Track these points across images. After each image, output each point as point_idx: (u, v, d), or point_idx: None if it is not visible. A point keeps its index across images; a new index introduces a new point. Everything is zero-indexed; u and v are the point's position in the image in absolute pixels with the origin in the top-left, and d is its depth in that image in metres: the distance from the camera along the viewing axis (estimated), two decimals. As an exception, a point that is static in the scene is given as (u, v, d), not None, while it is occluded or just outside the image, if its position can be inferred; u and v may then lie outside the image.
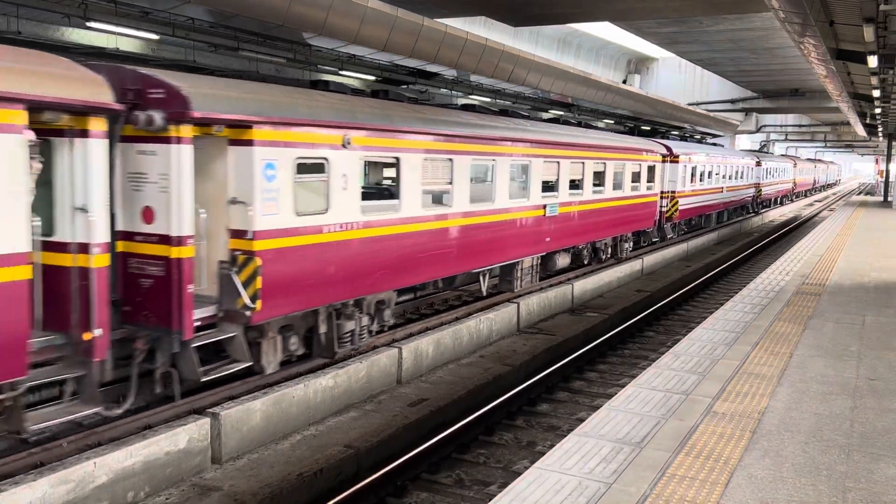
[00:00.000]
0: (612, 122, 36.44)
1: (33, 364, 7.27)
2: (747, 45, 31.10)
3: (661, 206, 25.20)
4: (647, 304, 18.01)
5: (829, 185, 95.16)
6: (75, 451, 7.72)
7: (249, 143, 8.94)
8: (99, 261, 7.55)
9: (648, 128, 33.89)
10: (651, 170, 23.25)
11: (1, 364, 6.69)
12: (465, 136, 13.17)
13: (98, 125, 7.52)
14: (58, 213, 7.56)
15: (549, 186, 16.74)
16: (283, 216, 9.41)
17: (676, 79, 46.03)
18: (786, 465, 5.66)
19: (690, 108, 39.74)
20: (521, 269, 16.48)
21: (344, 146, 10.24)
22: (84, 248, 7.48)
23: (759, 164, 41.13)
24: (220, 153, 9.02)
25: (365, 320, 11.41)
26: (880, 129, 43.02)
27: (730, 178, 34.42)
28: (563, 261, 18.42)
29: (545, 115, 25.73)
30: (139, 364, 8.63)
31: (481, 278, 15.35)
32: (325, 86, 11.22)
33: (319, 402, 9.60)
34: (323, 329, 10.67)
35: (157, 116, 8.07)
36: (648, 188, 23.23)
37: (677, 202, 26.35)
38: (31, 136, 6.81)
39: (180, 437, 7.78)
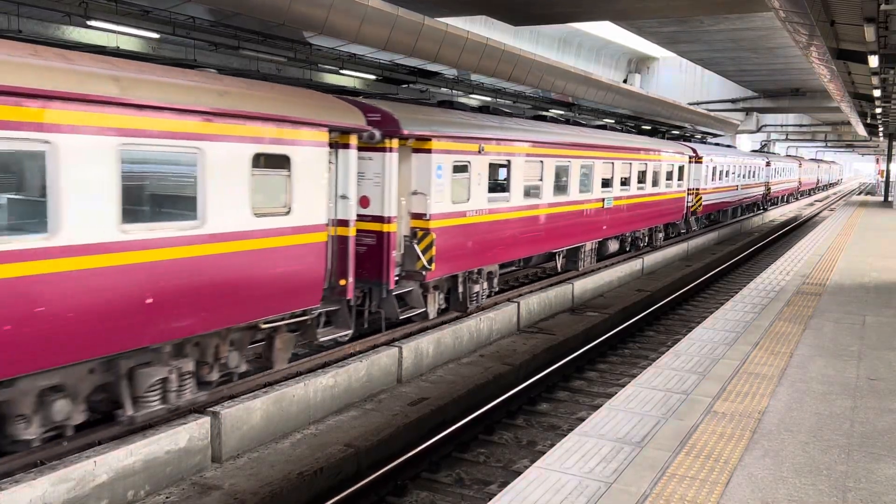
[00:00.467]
0: (613, 121, 36.43)
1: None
2: (748, 44, 31.09)
3: (687, 202, 28.13)
4: (647, 304, 18.02)
5: (832, 185, 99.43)
6: (75, 449, 7.72)
7: (428, 151, 12.29)
8: (352, 232, 10.55)
9: (649, 127, 33.87)
10: (681, 169, 26.56)
11: (308, 297, 9.70)
12: (550, 143, 16.47)
13: (353, 140, 10.56)
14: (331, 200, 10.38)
15: (605, 183, 19.83)
16: (445, 204, 12.74)
17: (677, 78, 46.03)
18: (786, 465, 5.66)
19: (691, 107, 39.73)
20: (585, 252, 19.90)
21: (479, 152, 13.61)
22: (344, 224, 10.47)
23: (768, 164, 44.57)
24: (406, 158, 12.21)
25: (485, 285, 14.62)
26: (881, 129, 43.00)
27: (744, 177, 37.49)
28: (613, 246, 21.60)
29: (596, 122, 29.20)
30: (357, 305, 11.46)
31: (557, 258, 18.93)
32: (450, 105, 14.87)
33: (320, 401, 9.60)
34: (460, 289, 13.99)
35: (377, 133, 11.35)
36: (678, 185, 26.36)
37: (701, 198, 29.55)
38: (327, 148, 9.96)
39: (181, 436, 7.78)
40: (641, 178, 22.41)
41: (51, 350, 6.75)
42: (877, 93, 22.63)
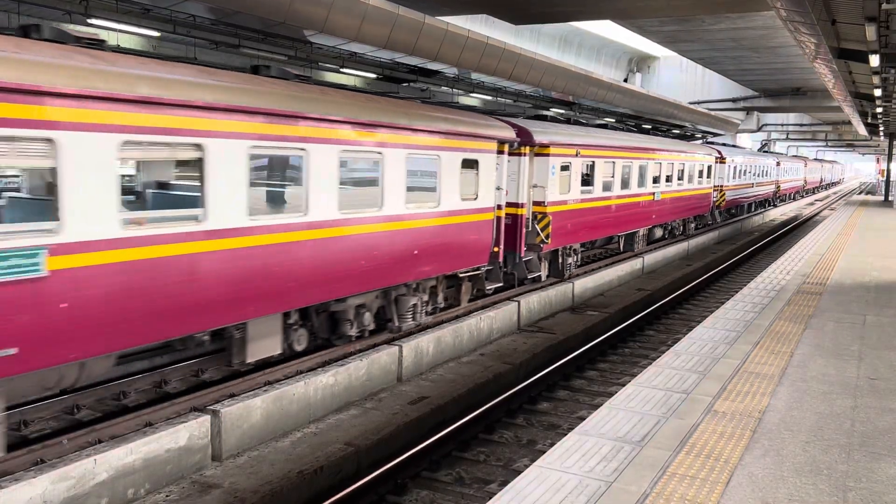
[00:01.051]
0: (614, 120, 36.42)
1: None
2: (749, 43, 31.07)
3: (713, 197, 32.07)
4: (647, 303, 18.01)
5: (834, 183, 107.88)
6: (76, 448, 7.72)
7: (547, 155, 16.35)
8: (503, 213, 14.69)
9: (649, 126, 33.90)
10: (709, 168, 30.82)
11: (483, 257, 14.00)
12: (619, 147, 20.43)
13: (506, 148, 14.76)
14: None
15: (654, 179, 23.66)
16: (556, 194, 16.76)
17: (678, 77, 46.02)
18: (786, 465, 5.66)
19: (692, 106, 39.71)
20: (638, 237, 23.98)
21: (576, 156, 17.72)
22: (499, 208, 14.40)
23: (778, 164, 49.12)
24: (531, 161, 16.27)
25: (574, 258, 18.84)
26: (881, 129, 42.97)
27: (758, 175, 42.01)
28: (658, 233, 26.34)
29: (646, 126, 32.96)
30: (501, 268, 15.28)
31: (619, 240, 23.44)
32: (544, 118, 19.09)
33: (320, 400, 9.60)
34: (560, 261, 18.04)
35: (517, 143, 15.36)
36: (707, 182, 30.56)
37: (724, 194, 34.12)
38: (496, 154, 14.21)
39: (181, 435, 7.78)
40: (680, 175, 26.42)
41: (366, 280, 10.89)
42: (877, 92, 22.62)
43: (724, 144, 37.65)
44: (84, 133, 6.93)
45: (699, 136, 37.80)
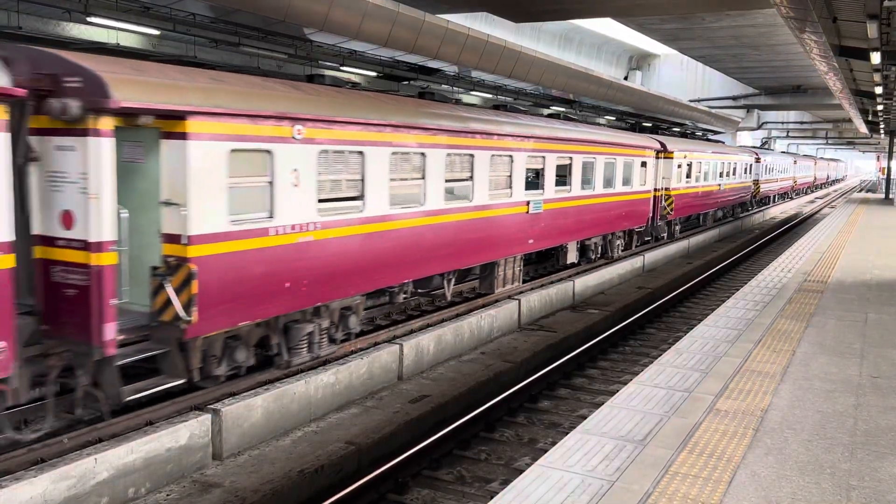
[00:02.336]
0: (614, 118, 36.38)
1: None
2: (749, 41, 31.03)
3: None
4: (648, 301, 17.99)
5: (839, 180, 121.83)
6: (76, 447, 7.70)
7: (670, 158, 24.41)
8: (657, 194, 25.06)
9: (650, 124, 33.91)
10: (749, 166, 37.56)
11: (643, 221, 23.63)
12: (706, 151, 29.58)
13: (653, 154, 24.14)
14: None
15: (720, 174, 31.04)
16: (676, 184, 24.88)
17: (678, 75, 45.96)
18: (789, 463, 5.64)
19: (692, 104, 39.68)
20: (709, 215, 32.74)
21: (684, 158, 25.32)
22: (656, 190, 25.09)
23: (795, 162, 55.85)
24: (663, 161, 24.36)
25: (678, 226, 27.57)
26: (882, 127, 42.92)
27: (781, 171, 50.07)
28: (720, 213, 34.15)
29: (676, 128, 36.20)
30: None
31: (702, 217, 32.42)
32: (656, 131, 27.68)
33: (320, 399, 9.58)
34: (671, 228, 26.80)
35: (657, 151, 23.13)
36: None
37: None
38: (653, 157, 24.29)
39: (181, 434, 7.76)
40: (733, 171, 29.28)
41: (604, 227, 20.08)
42: (878, 90, 22.57)
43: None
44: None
45: (700, 133, 37.81)
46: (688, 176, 26.57)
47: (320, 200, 9.99)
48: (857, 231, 23.60)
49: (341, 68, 18.72)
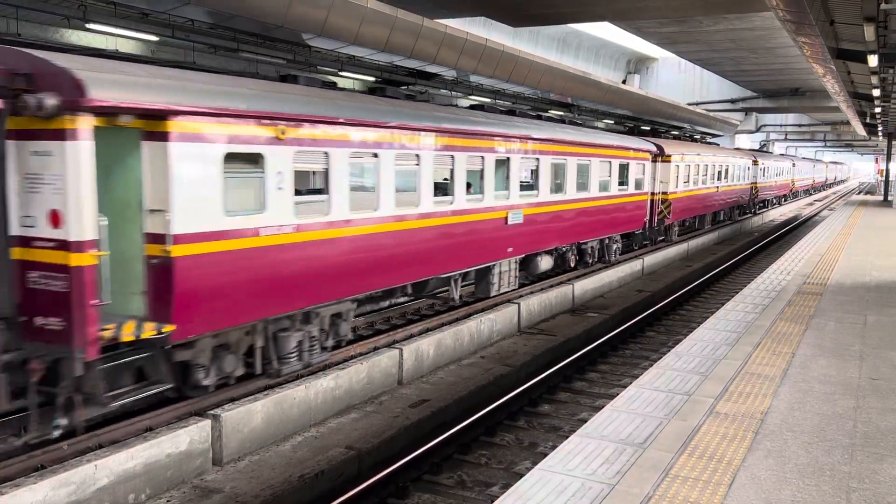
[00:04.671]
0: (612, 121, 36.43)
1: None
2: (747, 44, 31.09)
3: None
4: (648, 304, 17.99)
5: (841, 181, 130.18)
6: (76, 453, 7.70)
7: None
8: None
9: (648, 128, 33.94)
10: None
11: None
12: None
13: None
14: None
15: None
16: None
17: (676, 78, 46.03)
18: (789, 466, 5.64)
19: (690, 107, 39.73)
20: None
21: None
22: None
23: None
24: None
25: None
26: (880, 129, 42.98)
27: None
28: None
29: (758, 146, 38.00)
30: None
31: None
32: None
33: (320, 404, 9.58)
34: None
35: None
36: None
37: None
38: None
39: (181, 439, 7.76)
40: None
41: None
42: (876, 92, 22.62)
43: (753, 150, 48.49)
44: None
45: (698, 137, 37.87)
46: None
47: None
48: (855, 233, 23.62)
49: (340, 73, 18.75)
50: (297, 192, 9.62)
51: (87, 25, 13.04)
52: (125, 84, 7.50)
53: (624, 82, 41.26)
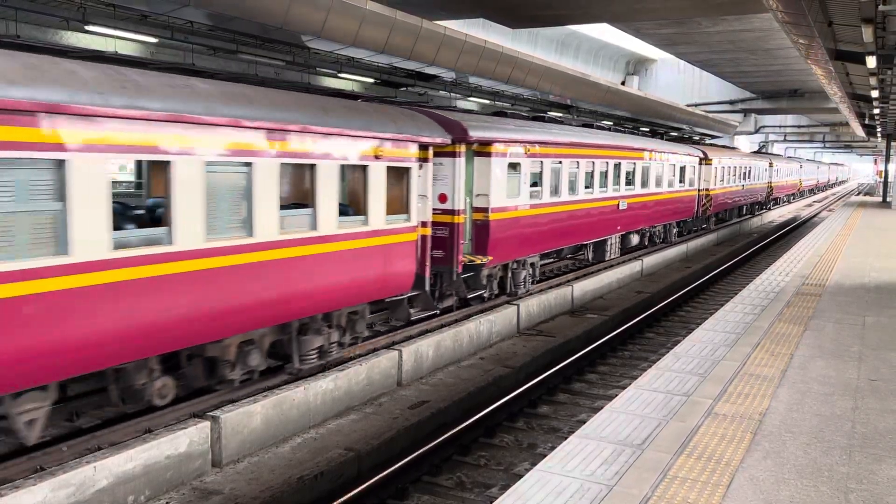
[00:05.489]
0: (611, 123, 36.44)
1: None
2: (746, 45, 31.15)
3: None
4: (647, 306, 18.01)
5: (842, 182, 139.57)
6: (75, 455, 7.70)
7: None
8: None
9: (647, 129, 34.00)
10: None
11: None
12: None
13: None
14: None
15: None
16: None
17: (675, 80, 46.09)
18: (787, 467, 5.65)
19: (689, 108, 39.77)
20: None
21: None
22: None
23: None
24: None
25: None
26: (879, 130, 43.03)
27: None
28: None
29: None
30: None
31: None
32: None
33: (319, 405, 9.59)
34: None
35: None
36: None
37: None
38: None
39: (181, 441, 7.77)
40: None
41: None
42: (875, 93, 22.65)
43: (767, 152, 53.23)
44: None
45: (697, 138, 37.97)
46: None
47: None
48: (854, 234, 23.65)
49: (339, 75, 18.77)
50: (534, 185, 16.19)
51: (87, 27, 13.04)
52: (476, 128, 13.83)
53: (623, 83, 41.31)
